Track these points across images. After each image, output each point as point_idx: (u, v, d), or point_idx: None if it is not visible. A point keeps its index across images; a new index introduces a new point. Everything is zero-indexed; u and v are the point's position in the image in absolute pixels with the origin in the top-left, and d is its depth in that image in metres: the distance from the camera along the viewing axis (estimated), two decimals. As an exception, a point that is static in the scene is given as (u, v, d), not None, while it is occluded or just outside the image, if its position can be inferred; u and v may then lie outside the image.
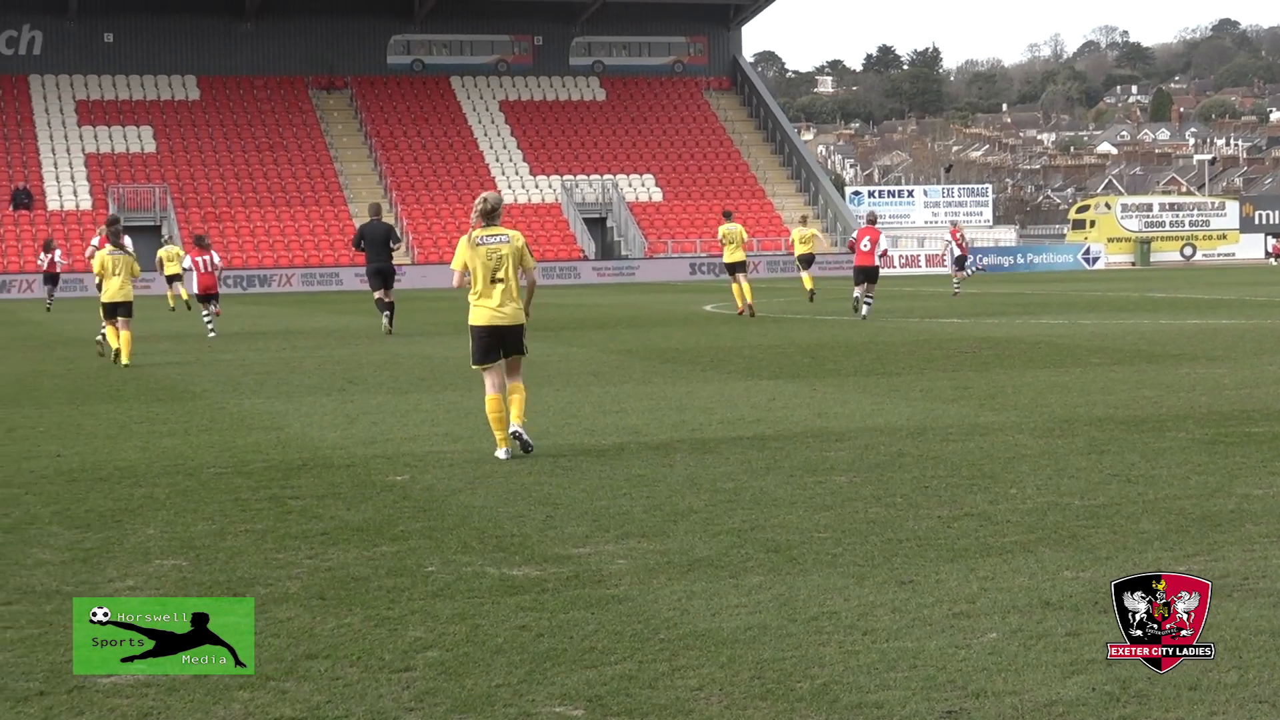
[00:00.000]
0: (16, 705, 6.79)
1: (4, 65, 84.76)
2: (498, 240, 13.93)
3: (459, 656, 7.38)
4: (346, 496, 11.88)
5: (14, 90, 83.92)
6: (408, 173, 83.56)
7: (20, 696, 6.90)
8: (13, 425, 16.97)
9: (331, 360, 25.30)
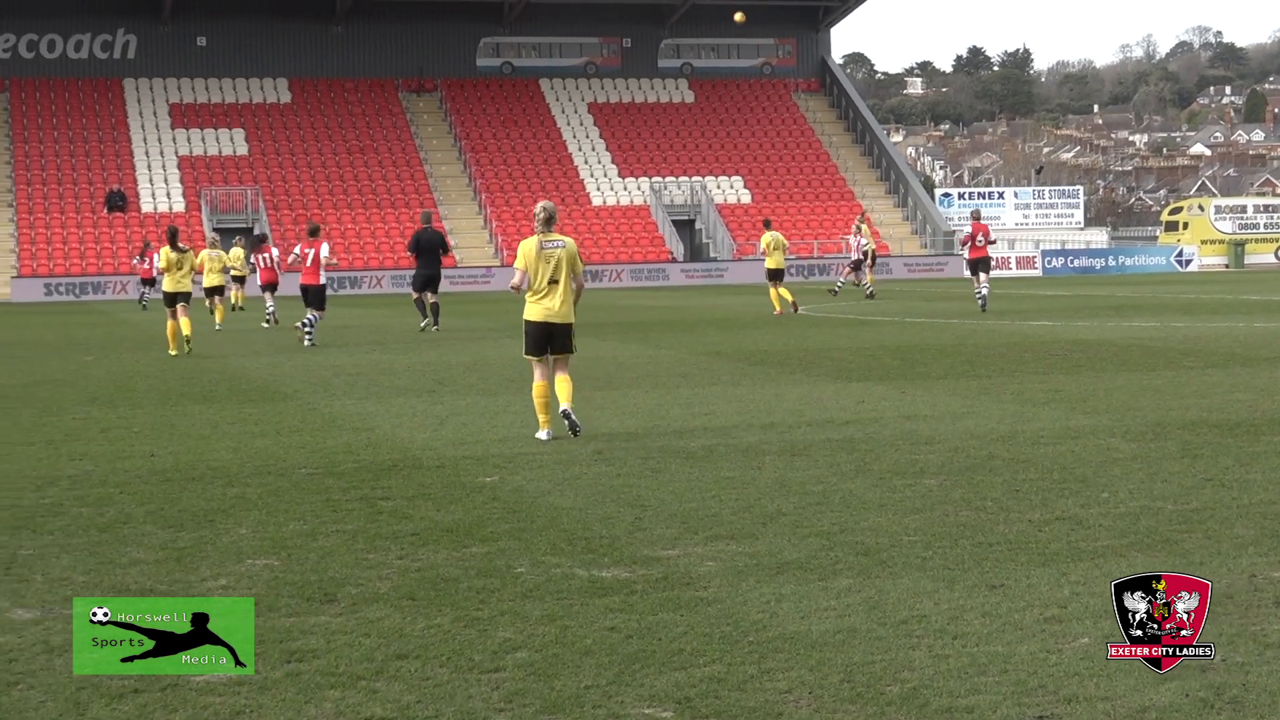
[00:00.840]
0: (112, 702, 6.86)
1: (99, 69, 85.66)
2: (555, 245, 15.24)
3: (548, 657, 7.40)
4: (436, 497, 11.92)
5: (109, 94, 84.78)
6: (496, 175, 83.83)
7: (115, 694, 6.96)
8: (108, 425, 17.14)
9: (421, 362, 25.41)
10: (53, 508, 11.71)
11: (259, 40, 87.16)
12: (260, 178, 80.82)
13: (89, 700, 6.88)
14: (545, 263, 15.16)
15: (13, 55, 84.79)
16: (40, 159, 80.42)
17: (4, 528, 10.91)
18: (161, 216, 77.00)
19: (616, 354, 26.24)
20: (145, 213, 77.45)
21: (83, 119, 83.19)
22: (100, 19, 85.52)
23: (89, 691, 6.98)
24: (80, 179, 79.40)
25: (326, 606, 8.49)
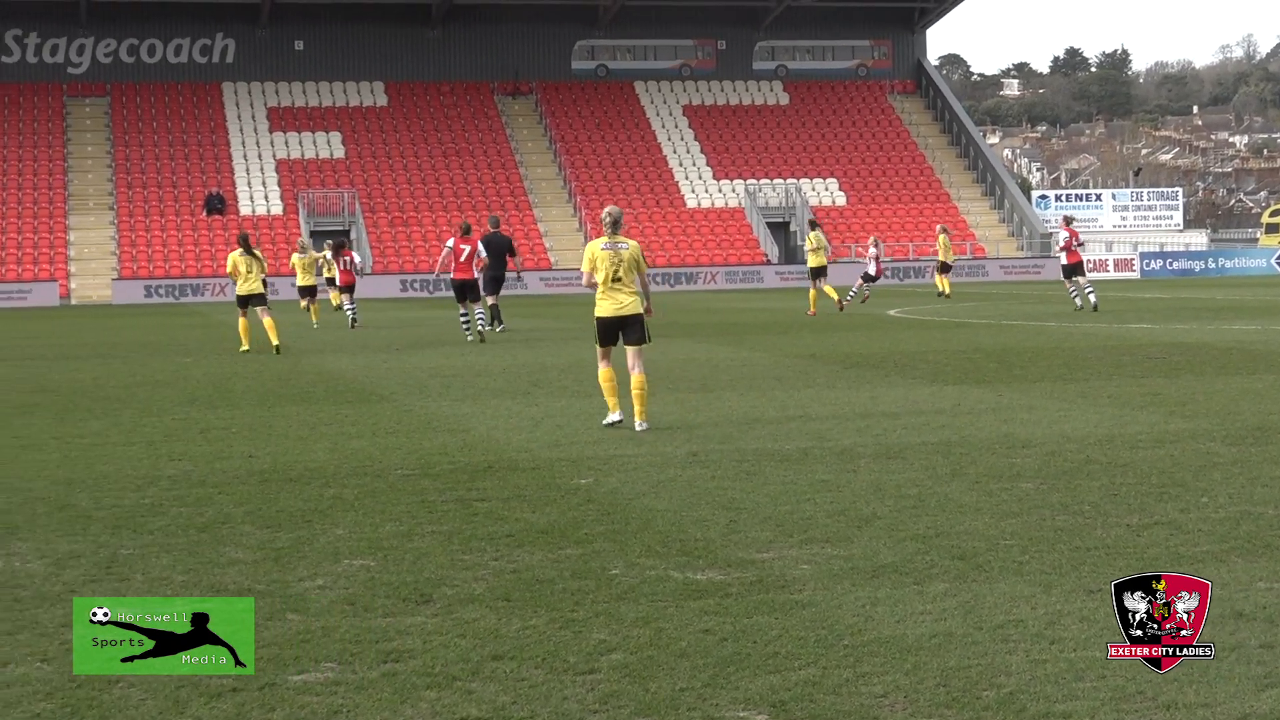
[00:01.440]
0: (210, 701, 6.92)
1: (198, 73, 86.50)
2: (620, 247, 16.41)
3: (643, 659, 7.40)
4: (531, 499, 11.96)
5: (207, 97, 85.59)
6: (591, 177, 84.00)
7: (214, 693, 7.02)
8: (206, 426, 17.30)
9: (516, 363, 25.49)
10: (153, 508, 11.83)
11: (356, 44, 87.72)
12: (357, 180, 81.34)
13: (188, 698, 6.94)
14: (609, 263, 16.34)
15: (114, 60, 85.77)
16: (140, 162, 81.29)
17: (105, 527, 11.03)
18: (259, 219, 77.67)
19: (711, 356, 26.23)
20: (244, 215, 78.12)
21: (182, 123, 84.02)
22: (199, 24, 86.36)
23: (188, 690, 7.05)
24: (180, 182, 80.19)
25: (422, 607, 8.53)
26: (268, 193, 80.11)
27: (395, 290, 71.89)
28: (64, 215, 77.61)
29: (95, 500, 12.22)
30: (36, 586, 9.20)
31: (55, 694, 7.05)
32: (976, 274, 77.44)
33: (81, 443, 15.97)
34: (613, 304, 16.41)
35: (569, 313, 46.45)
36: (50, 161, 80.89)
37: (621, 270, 16.37)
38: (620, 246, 16.42)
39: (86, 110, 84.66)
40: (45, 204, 77.94)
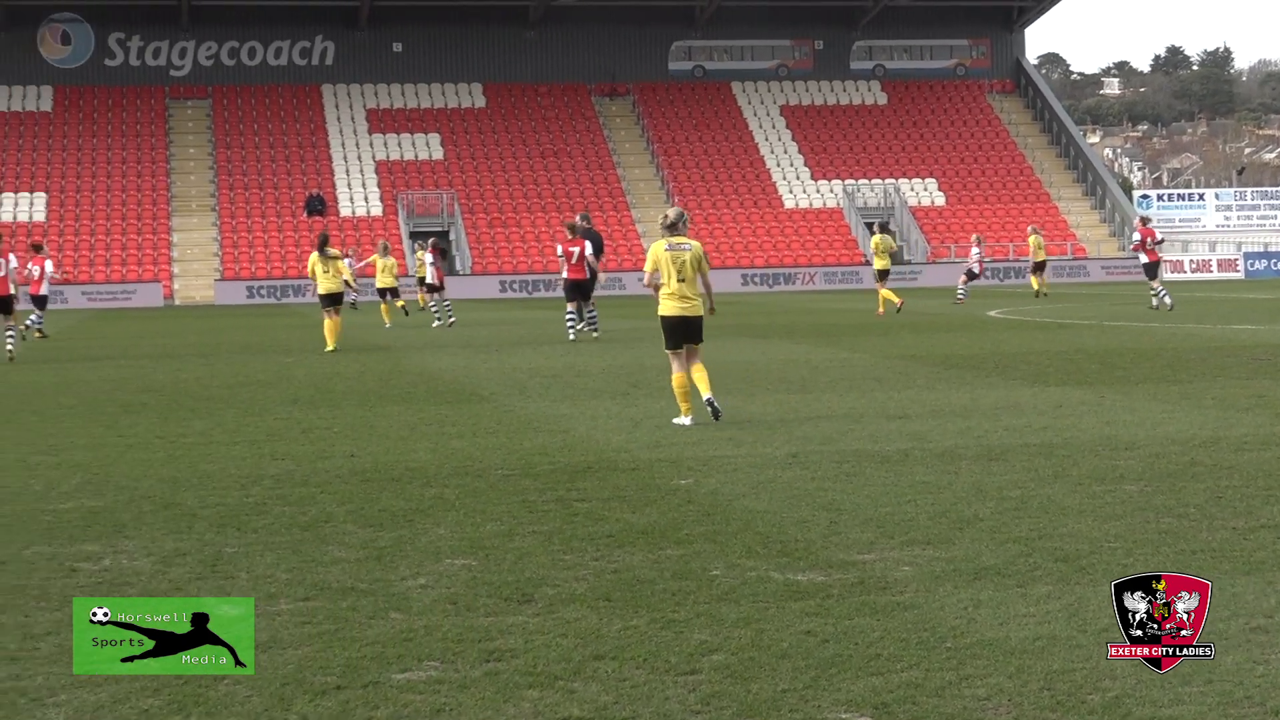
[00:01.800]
0: (314, 699, 6.97)
1: (298, 75, 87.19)
2: (682, 248, 16.80)
3: (744, 661, 7.40)
4: (632, 499, 11.97)
5: (307, 100, 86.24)
6: (689, 178, 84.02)
7: (318, 690, 7.07)
8: (309, 426, 17.43)
9: (615, 364, 25.53)
10: (256, 506, 11.93)
11: (454, 46, 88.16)
12: (455, 181, 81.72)
13: (293, 696, 7.00)
14: (672, 263, 16.74)
15: (215, 63, 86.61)
16: (242, 164, 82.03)
17: (210, 526, 11.14)
18: (359, 220, 78.18)
19: (810, 357, 26.17)
20: (344, 216, 78.67)
21: (283, 125, 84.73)
22: (299, 26, 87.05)
23: (293, 687, 7.11)
24: (280, 184, 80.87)
25: (524, 606, 8.56)
26: (367, 194, 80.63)
27: (494, 291, 72.20)
28: (167, 217, 78.44)
29: (200, 499, 12.34)
30: (143, 584, 9.31)
31: (162, 690, 7.13)
32: (1078, 274, 76.86)
33: (186, 442, 16.13)
34: (679, 304, 16.84)
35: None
36: (153, 164, 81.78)
37: (686, 271, 16.77)
38: (683, 248, 16.81)
39: (188, 113, 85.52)
40: (149, 206, 78.81)
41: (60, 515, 11.71)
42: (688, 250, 16.81)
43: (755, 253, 78.28)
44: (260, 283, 72.37)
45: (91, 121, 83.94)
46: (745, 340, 30.87)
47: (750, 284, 74.44)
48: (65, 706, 6.95)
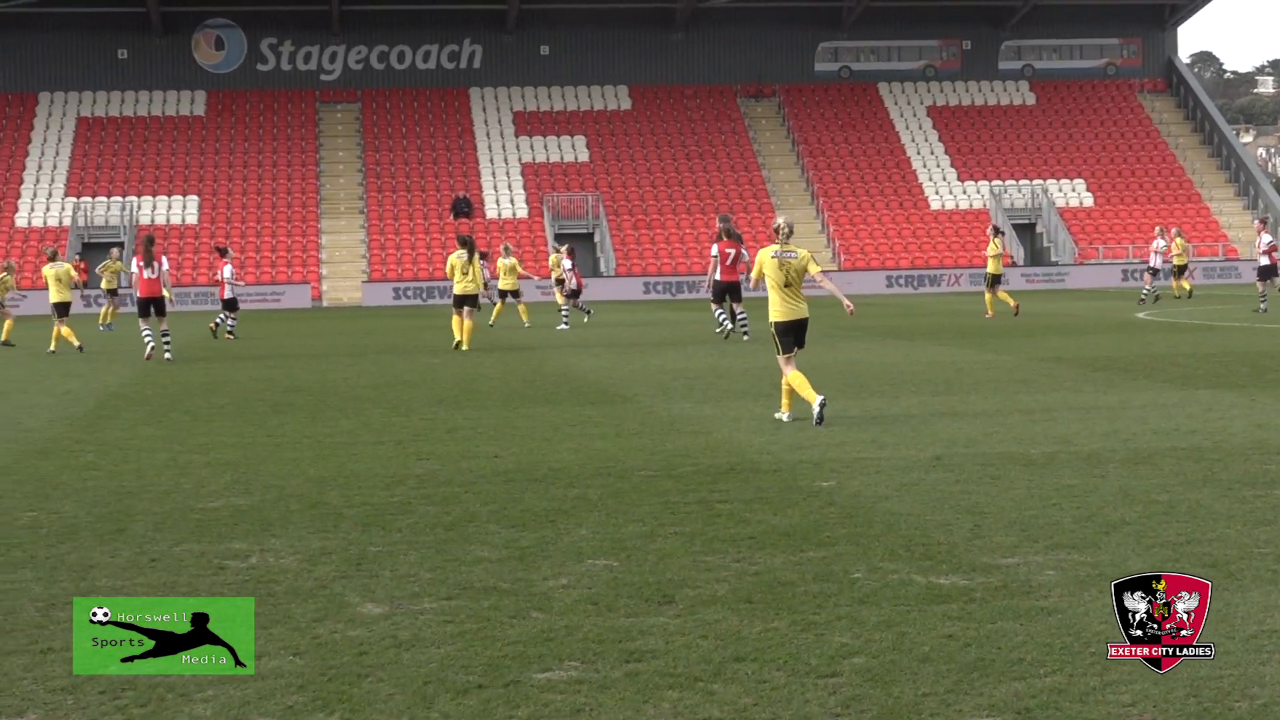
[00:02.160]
0: (456, 697, 7.02)
1: (446, 79, 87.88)
2: (788, 256, 17.33)
3: (885, 664, 7.36)
4: (773, 501, 11.95)
5: (455, 103, 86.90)
6: (834, 179, 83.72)
7: (460, 689, 7.13)
8: (453, 426, 17.56)
9: (758, 365, 25.48)
10: (401, 506, 12.04)
11: (600, 48, 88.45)
12: (601, 184, 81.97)
13: (435, 694, 7.06)
14: (779, 270, 17.29)
15: (364, 67, 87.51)
16: (390, 167, 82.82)
17: (355, 524, 11.26)
18: (505, 222, 78.64)
19: (955, 359, 25.99)
20: (490, 218, 79.15)
21: (430, 128, 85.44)
22: (447, 30, 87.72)
23: (435, 686, 7.17)
24: (428, 186, 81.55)
25: (664, 608, 8.58)
26: (513, 196, 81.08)
27: (638, 292, 72.35)
28: (316, 219, 79.37)
29: (346, 498, 12.48)
30: (289, 582, 9.42)
31: (307, 687, 7.22)
32: (1229, 275, 75.70)
33: (332, 441, 16.32)
34: (789, 309, 17.47)
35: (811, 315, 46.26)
36: (303, 166, 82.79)
37: (792, 277, 17.32)
38: (789, 255, 17.32)
39: (338, 116, 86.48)
40: (299, 208, 79.79)
41: (209, 513, 11.89)
42: (794, 258, 17.33)
43: (900, 254, 77.86)
44: (407, 284, 72.98)
45: (243, 125, 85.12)
46: (890, 342, 30.73)
47: (895, 285, 74.03)
48: (212, 702, 7.05)
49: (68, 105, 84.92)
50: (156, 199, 79.69)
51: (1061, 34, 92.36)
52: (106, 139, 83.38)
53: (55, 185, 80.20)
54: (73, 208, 78.18)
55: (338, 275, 75.93)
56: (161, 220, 78.40)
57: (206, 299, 70.58)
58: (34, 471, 14.44)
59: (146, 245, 30.52)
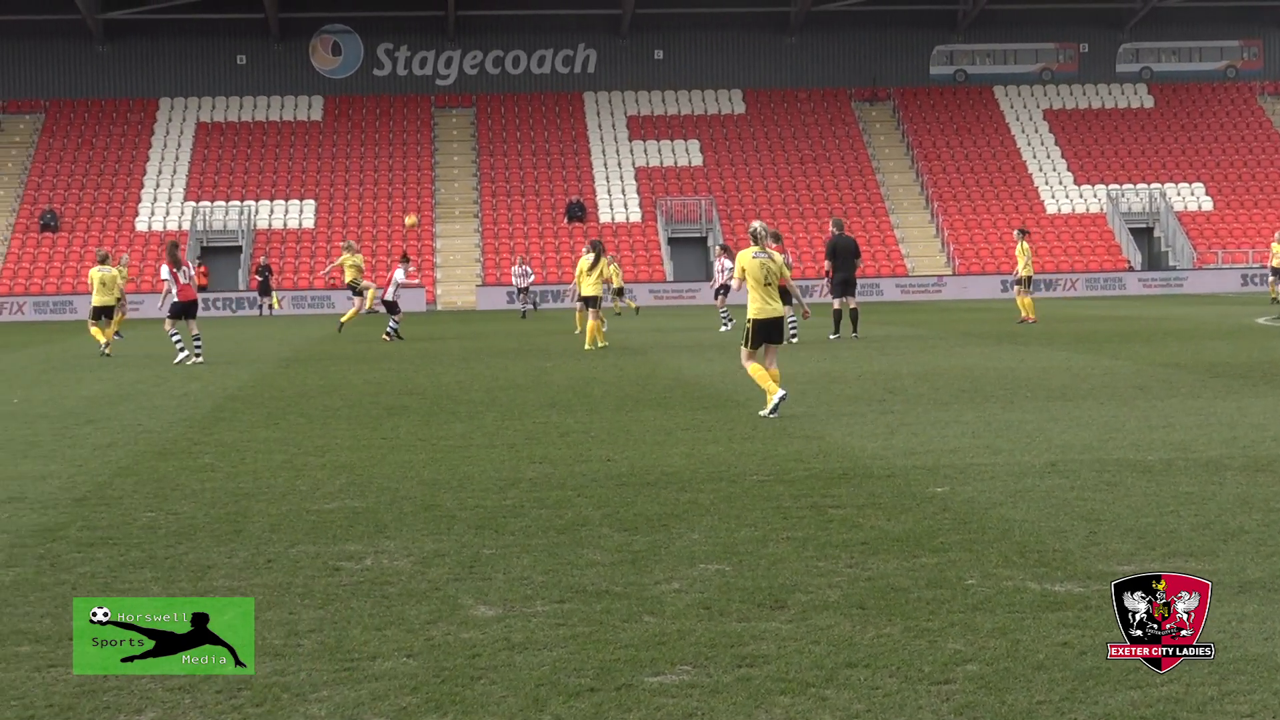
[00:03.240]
0: (568, 700, 7.04)
1: (560, 83, 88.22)
2: (766, 256, 18.54)
3: (999, 671, 7.31)
4: (886, 506, 11.89)
5: (569, 107, 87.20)
6: (949, 183, 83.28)
7: (572, 692, 7.15)
8: (566, 430, 17.60)
9: (871, 370, 25.38)
10: (514, 509, 12.09)
11: (714, 52, 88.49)
12: (714, 188, 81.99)
13: (547, 697, 7.09)
14: (762, 269, 18.43)
15: (480, 72, 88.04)
16: (505, 171, 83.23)
17: (468, 527, 11.32)
18: (619, 226, 78.83)
19: (1070, 364, 25.76)
20: (603, 223, 79.34)
21: (545, 132, 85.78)
22: (562, 35, 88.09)
23: (548, 688, 7.20)
24: (542, 190, 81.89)
25: (777, 612, 8.56)
26: (626, 200, 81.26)
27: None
28: (431, 223, 79.92)
29: (459, 501, 12.54)
30: (403, 583, 9.48)
31: (420, 688, 7.26)
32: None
33: (446, 444, 16.40)
34: (766, 308, 18.50)
35: (925, 319, 46.10)
36: (419, 171, 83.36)
37: (771, 277, 18.45)
38: (767, 256, 18.54)
39: (453, 121, 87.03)
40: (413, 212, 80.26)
41: (324, 515, 11.99)
42: (769, 258, 18.55)
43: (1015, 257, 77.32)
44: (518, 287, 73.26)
45: (360, 130, 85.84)
46: (1005, 347, 30.51)
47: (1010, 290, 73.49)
48: (326, 702, 7.11)
49: (188, 110, 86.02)
50: (274, 203, 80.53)
51: (1181, 36, 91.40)
52: (225, 144, 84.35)
53: (175, 190, 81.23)
54: (192, 212, 79.14)
55: (451, 279, 76.39)
56: (279, 224, 79.26)
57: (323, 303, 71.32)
58: (153, 472, 14.63)
59: (173, 250, 31.31)
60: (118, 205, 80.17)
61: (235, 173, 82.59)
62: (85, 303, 66.54)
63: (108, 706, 7.10)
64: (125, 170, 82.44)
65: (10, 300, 71.35)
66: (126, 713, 7.03)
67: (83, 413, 20.76)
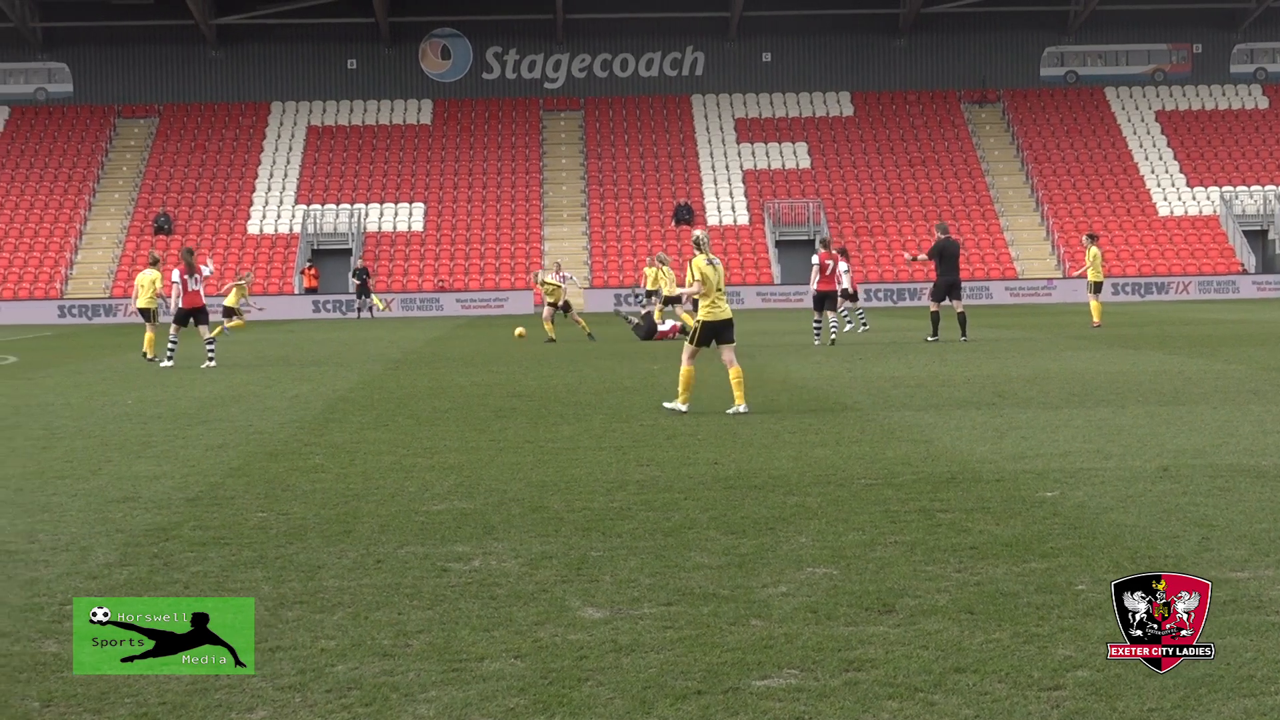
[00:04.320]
0: (675, 703, 7.05)
1: (668, 86, 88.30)
2: (717, 262, 19.69)
3: (1110, 678, 7.24)
4: (995, 511, 11.82)
5: (677, 110, 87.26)
6: (1059, 185, 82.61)
7: (678, 694, 7.15)
8: (673, 432, 17.61)
9: (980, 374, 25.22)
10: (621, 511, 12.11)
11: (822, 55, 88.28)
12: (822, 190, 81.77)
13: (654, 699, 7.09)
14: (715, 274, 19.52)
15: (588, 75, 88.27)
16: (612, 174, 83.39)
17: (576, 529, 11.35)
18: (726, 229, 78.78)
19: (1183, 368, 25.49)
20: (710, 226, 79.30)
21: (652, 135, 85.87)
22: (670, 38, 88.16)
23: (654, 691, 7.21)
24: (649, 193, 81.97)
25: (884, 617, 8.53)
26: (734, 203, 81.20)
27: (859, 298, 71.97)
28: (539, 226, 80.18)
29: (566, 503, 12.58)
30: (511, 585, 9.52)
31: (528, 689, 7.29)
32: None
33: (554, 447, 16.46)
34: (718, 310, 19.51)
35: (1034, 322, 45.75)
36: (527, 174, 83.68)
37: (721, 282, 19.58)
38: (718, 262, 19.75)
39: (561, 124, 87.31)
40: (522, 215, 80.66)
41: (433, 516, 12.06)
42: (719, 264, 19.77)
43: (1127, 261, 76.59)
44: (627, 290, 73.34)
45: (469, 134, 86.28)
46: (1116, 350, 30.24)
47: (1121, 293, 72.86)
48: (435, 703, 7.15)
49: (299, 114, 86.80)
50: (384, 206, 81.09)
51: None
52: (335, 147, 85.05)
53: (286, 193, 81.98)
54: (302, 215, 79.84)
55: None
56: (388, 227, 79.79)
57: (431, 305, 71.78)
58: (264, 473, 14.77)
59: (187, 256, 31.77)
60: (229, 208, 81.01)
61: (345, 176, 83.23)
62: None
63: (219, 705, 7.17)
64: (237, 173, 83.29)
65: (125, 302, 72.20)
66: (238, 711, 7.10)
67: (195, 414, 21.00)
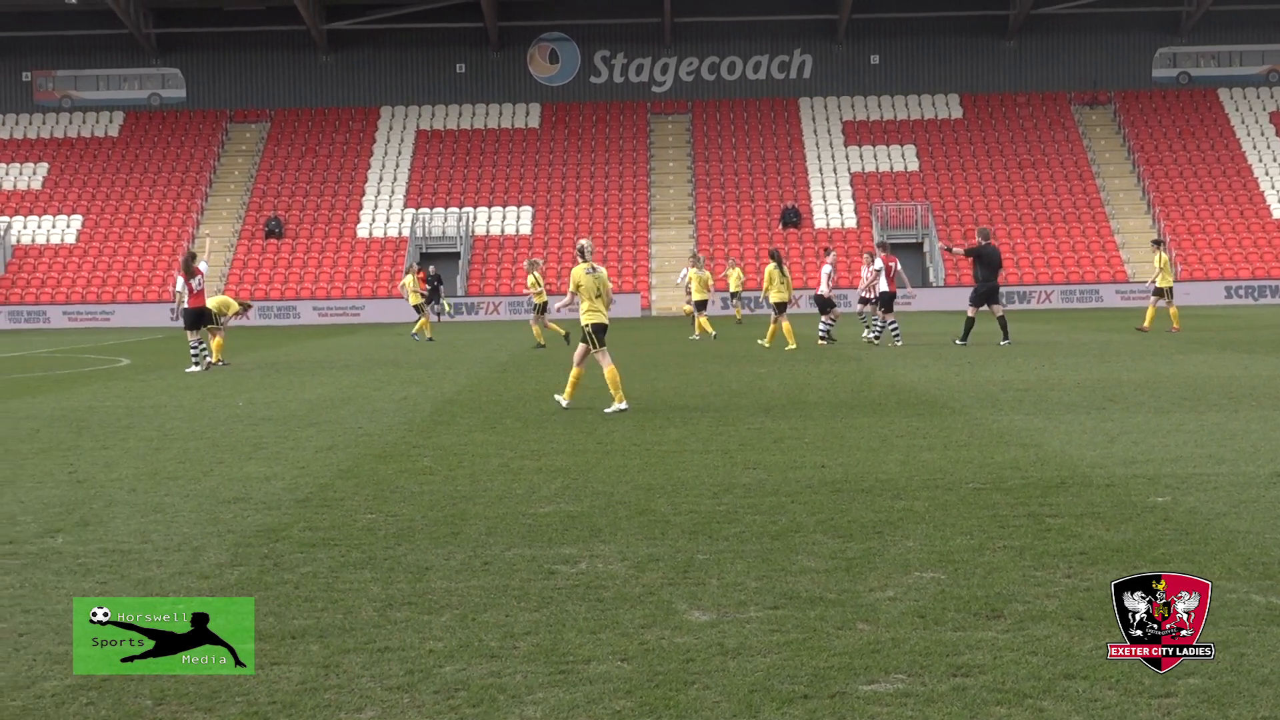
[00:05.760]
0: (781, 706, 7.04)
1: (776, 89, 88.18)
2: (597, 271, 21.54)
3: (1222, 685, 7.17)
4: (1106, 516, 11.72)
5: (785, 112, 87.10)
6: (1172, 188, 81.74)
7: (785, 698, 7.14)
8: (780, 436, 17.58)
9: (1091, 378, 25.02)
10: (728, 514, 12.10)
11: (931, 57, 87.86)
12: (930, 193, 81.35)
13: (761, 703, 7.08)
14: (595, 283, 21.42)
15: (695, 78, 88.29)
16: (720, 176, 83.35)
17: (682, 532, 11.35)
18: (834, 232, 78.54)
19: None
20: (818, 228, 79.13)
21: (760, 137, 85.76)
22: (778, 41, 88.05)
23: (761, 694, 7.20)
24: (757, 195, 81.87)
25: (992, 622, 8.48)
26: (841, 206, 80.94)
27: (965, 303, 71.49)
28: (647, 229, 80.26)
29: (673, 505, 12.58)
30: (617, 588, 9.54)
31: (634, 692, 7.30)
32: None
33: (661, 449, 16.47)
34: (599, 315, 21.46)
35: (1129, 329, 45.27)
36: (634, 177, 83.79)
37: (601, 289, 21.47)
38: (597, 270, 21.54)
39: (669, 127, 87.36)
40: (629, 218, 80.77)
41: (540, 519, 12.10)
42: (601, 272, 21.59)
43: (1240, 264, 75.68)
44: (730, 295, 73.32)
45: (576, 137, 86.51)
46: (1229, 355, 29.90)
47: (1234, 296, 72.05)
48: (541, 704, 7.18)
49: (408, 119, 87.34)
50: (491, 209, 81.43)
51: None
52: (444, 151, 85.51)
53: (395, 197, 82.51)
54: (411, 218, 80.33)
55: (667, 285, 76.59)
56: (496, 230, 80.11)
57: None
58: (373, 475, 14.87)
59: (187, 262, 32.13)
60: (339, 212, 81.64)
61: (454, 179, 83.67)
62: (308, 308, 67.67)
63: (328, 704, 7.23)
64: (347, 177, 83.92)
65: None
66: (347, 710, 7.16)
67: (305, 416, 21.18)
